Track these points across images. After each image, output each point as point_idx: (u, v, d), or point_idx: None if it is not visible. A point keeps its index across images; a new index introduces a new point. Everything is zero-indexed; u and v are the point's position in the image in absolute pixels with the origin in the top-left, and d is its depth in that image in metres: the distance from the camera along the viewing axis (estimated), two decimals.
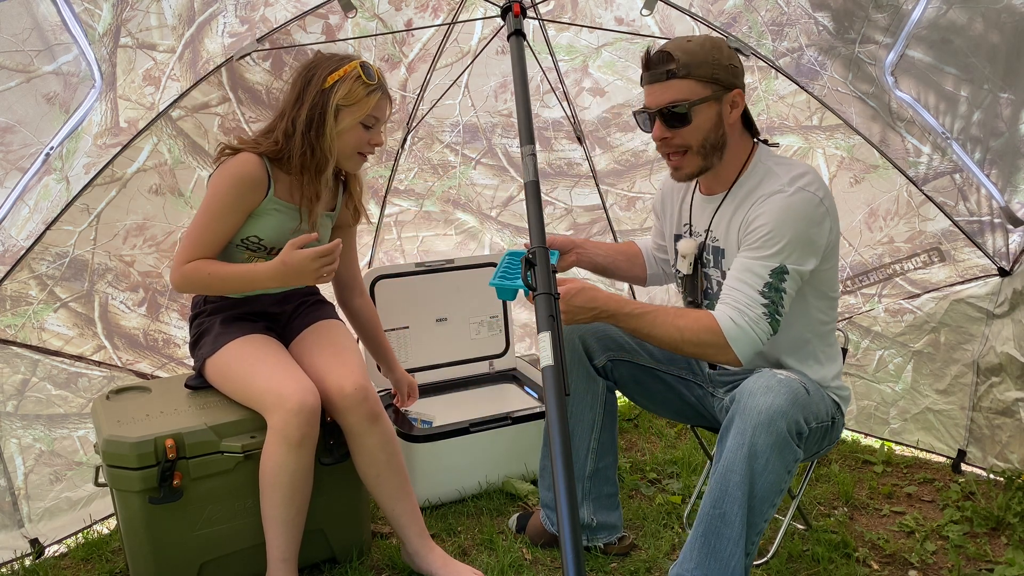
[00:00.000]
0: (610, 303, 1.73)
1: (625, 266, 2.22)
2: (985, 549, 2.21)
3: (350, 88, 1.98)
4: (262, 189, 2.00)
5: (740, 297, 1.71)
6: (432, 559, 2.04)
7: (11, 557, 2.19)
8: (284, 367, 1.95)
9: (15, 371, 2.25)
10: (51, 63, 1.98)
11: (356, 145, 2.05)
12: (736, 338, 1.68)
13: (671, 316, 1.74)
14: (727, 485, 1.61)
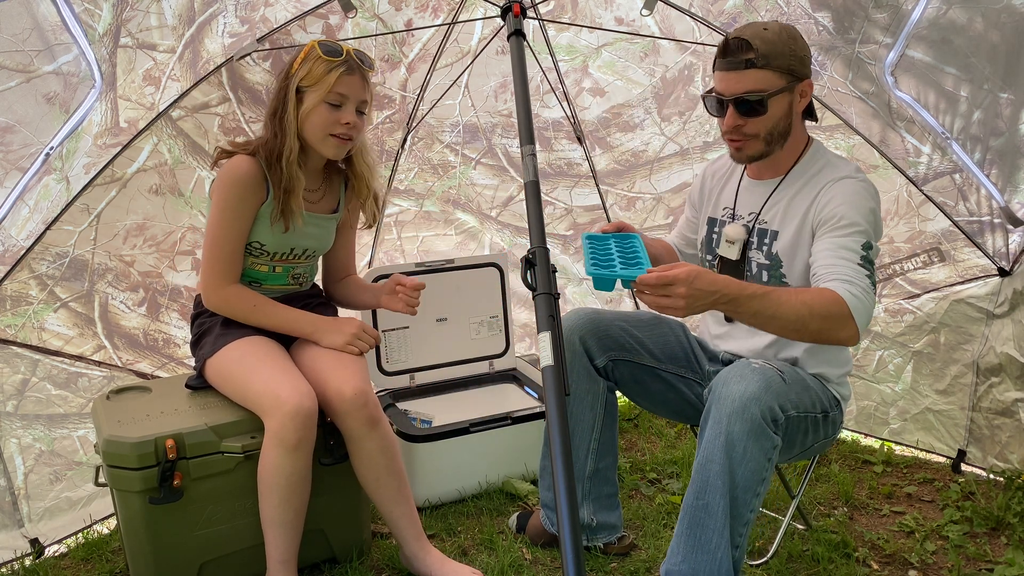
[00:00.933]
0: (730, 285, 1.57)
1: (668, 261, 2.19)
2: (985, 549, 2.21)
3: (310, 68, 1.94)
4: (262, 189, 1.99)
5: (846, 271, 1.67)
6: (430, 561, 2.04)
7: (11, 557, 2.19)
8: (282, 370, 1.95)
9: (15, 371, 2.25)
10: (51, 63, 1.98)
11: (324, 126, 1.97)
12: (856, 309, 1.61)
13: (792, 293, 1.62)
14: (707, 475, 1.62)
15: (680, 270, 1.52)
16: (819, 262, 1.73)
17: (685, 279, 1.51)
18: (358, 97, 1.99)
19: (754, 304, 1.59)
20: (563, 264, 3.32)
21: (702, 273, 1.54)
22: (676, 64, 2.78)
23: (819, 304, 1.60)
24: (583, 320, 2.04)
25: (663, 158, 3.02)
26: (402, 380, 2.84)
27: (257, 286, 2.12)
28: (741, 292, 1.58)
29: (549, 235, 3.28)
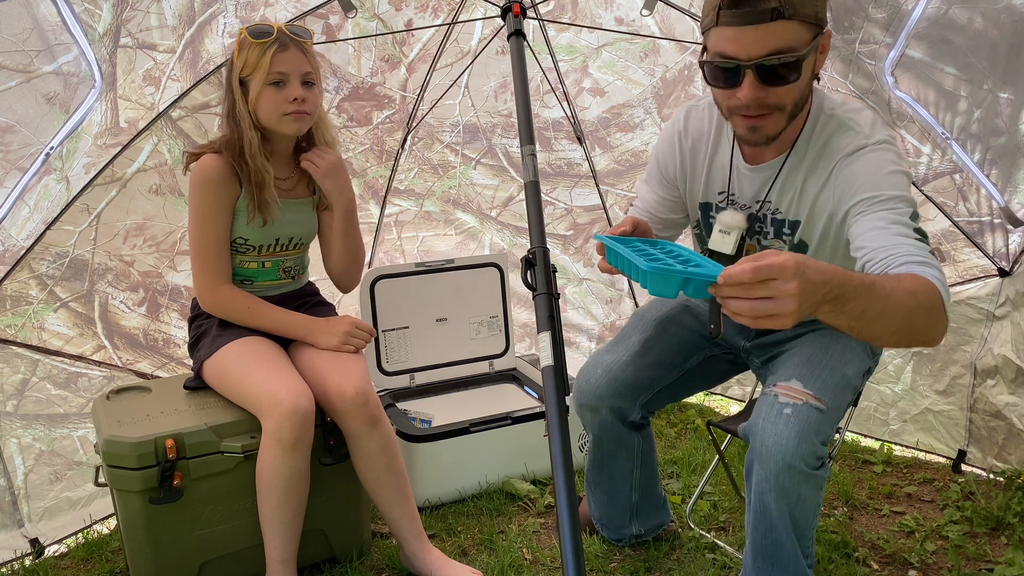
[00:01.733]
0: (836, 273, 1.16)
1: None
2: (985, 549, 2.21)
3: (245, 56, 1.93)
4: (233, 183, 1.99)
5: (913, 250, 1.35)
6: (430, 560, 2.04)
7: (11, 557, 2.19)
8: (279, 370, 1.95)
9: (15, 371, 2.25)
10: (51, 63, 1.98)
11: (274, 108, 1.95)
12: (945, 297, 1.30)
13: (893, 280, 1.26)
14: (769, 520, 1.61)
15: (781, 257, 1.08)
16: (872, 244, 1.37)
17: (794, 269, 1.07)
18: (299, 70, 1.95)
19: (862, 299, 1.18)
20: (563, 264, 3.32)
21: (806, 262, 1.11)
22: (676, 64, 2.78)
23: (924, 293, 1.25)
24: (600, 387, 1.87)
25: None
26: (402, 380, 2.84)
27: (249, 284, 2.11)
28: (848, 282, 1.16)
29: (549, 235, 3.28)
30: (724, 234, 1.67)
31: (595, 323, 3.39)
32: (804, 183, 1.58)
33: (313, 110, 2.01)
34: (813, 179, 1.57)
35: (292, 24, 2.02)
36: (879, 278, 1.24)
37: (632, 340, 1.92)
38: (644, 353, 1.88)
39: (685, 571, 2.12)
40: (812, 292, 1.10)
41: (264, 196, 2.00)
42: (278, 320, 2.07)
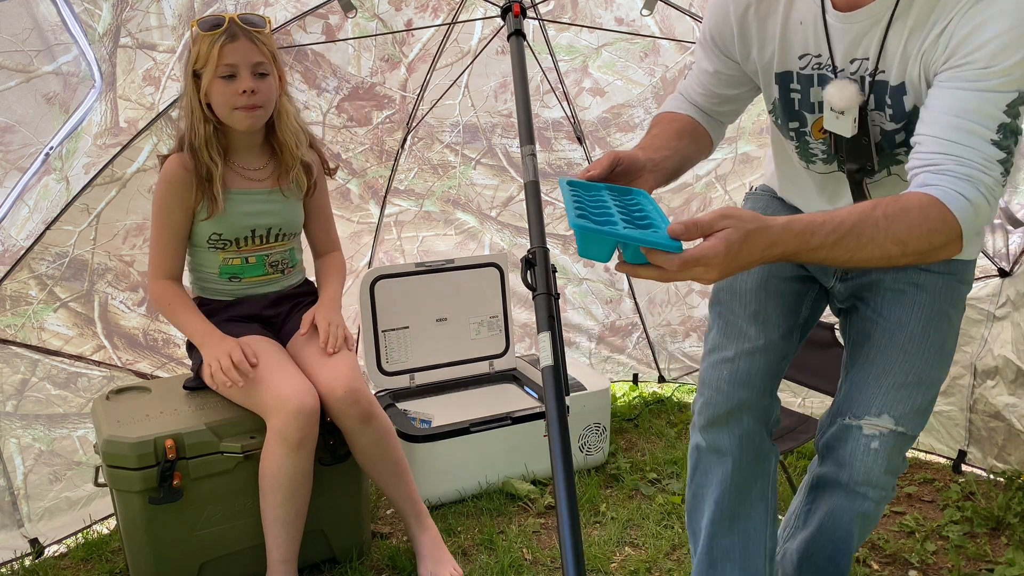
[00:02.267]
0: (787, 239, 1.11)
1: (694, 151, 1.55)
2: (985, 549, 2.21)
3: (197, 50, 1.91)
4: (192, 187, 1.98)
5: (969, 155, 1.13)
6: (423, 540, 2.10)
7: (11, 557, 2.19)
8: (282, 369, 1.95)
9: (15, 371, 2.25)
10: (51, 63, 1.98)
11: (225, 101, 1.92)
12: (970, 222, 1.12)
13: (879, 224, 1.12)
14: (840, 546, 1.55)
15: (714, 243, 1.06)
16: (929, 133, 1.16)
17: (722, 260, 1.06)
18: (249, 61, 1.91)
19: (821, 255, 1.14)
20: (563, 264, 3.32)
21: (749, 235, 1.07)
22: (676, 64, 2.78)
23: (918, 238, 1.13)
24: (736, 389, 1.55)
25: None
26: (402, 380, 2.84)
27: (238, 280, 2.12)
28: (804, 245, 1.12)
29: (549, 235, 3.27)
30: (837, 114, 1.34)
31: (595, 323, 3.39)
32: (911, 34, 1.22)
33: (266, 102, 1.96)
34: (920, 31, 1.21)
35: (246, 14, 1.98)
36: (852, 224, 1.12)
37: (740, 323, 1.58)
38: (764, 330, 1.56)
39: (685, 571, 2.12)
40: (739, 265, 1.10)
41: (211, 190, 1.98)
42: (184, 321, 2.03)
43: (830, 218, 1.12)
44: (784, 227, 1.11)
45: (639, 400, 3.31)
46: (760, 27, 1.40)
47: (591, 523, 2.40)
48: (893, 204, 1.13)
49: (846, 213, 1.13)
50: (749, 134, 2.83)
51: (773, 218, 1.11)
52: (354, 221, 3.00)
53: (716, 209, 1.09)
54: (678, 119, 1.56)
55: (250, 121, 1.96)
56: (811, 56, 1.35)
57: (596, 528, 2.37)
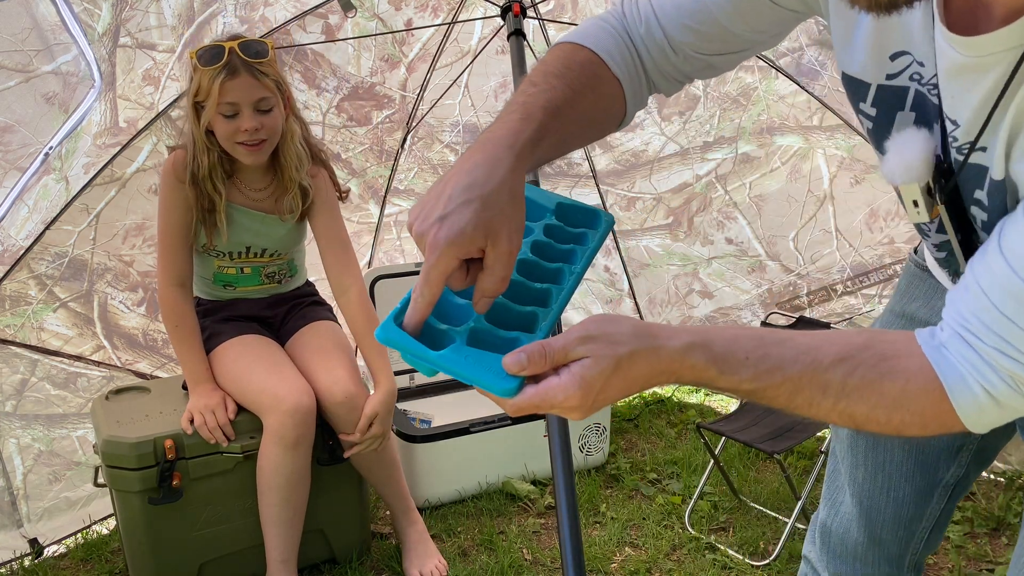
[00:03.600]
0: (683, 371, 0.74)
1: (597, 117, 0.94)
2: (986, 549, 2.21)
3: (198, 81, 1.83)
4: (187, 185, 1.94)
5: (1005, 334, 0.70)
6: (408, 534, 2.14)
7: (10, 557, 2.19)
8: (279, 368, 1.95)
9: (14, 371, 2.25)
10: (50, 63, 1.97)
11: (227, 137, 1.87)
12: (977, 418, 0.74)
13: (829, 388, 0.74)
14: None
15: (565, 383, 0.71)
16: (986, 284, 0.71)
17: (580, 395, 0.71)
18: (250, 98, 1.83)
19: (738, 395, 0.80)
20: None
21: (621, 363, 0.71)
22: None
23: (883, 420, 0.75)
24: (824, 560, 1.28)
25: (663, 158, 3.01)
26: (402, 380, 2.83)
27: (232, 288, 2.10)
28: (705, 382, 0.76)
29: None
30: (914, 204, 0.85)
31: None
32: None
33: (271, 135, 1.90)
34: None
35: (247, 40, 1.87)
36: (798, 376, 0.73)
37: (841, 480, 1.25)
38: (872, 491, 1.20)
39: (685, 571, 2.12)
40: (613, 399, 0.75)
41: (213, 219, 1.94)
42: (184, 352, 1.99)
43: (764, 354, 0.74)
44: (683, 352, 0.73)
45: (639, 400, 3.30)
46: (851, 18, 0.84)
47: (591, 523, 2.40)
48: (870, 363, 0.74)
49: (791, 353, 0.74)
50: (749, 134, 2.82)
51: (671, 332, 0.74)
52: (354, 221, 3.00)
53: (582, 323, 0.74)
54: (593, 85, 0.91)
55: (254, 157, 1.91)
56: (913, 60, 0.80)
57: (596, 528, 2.37)
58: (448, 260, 0.73)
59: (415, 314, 0.75)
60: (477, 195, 0.73)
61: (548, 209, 0.89)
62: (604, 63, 0.91)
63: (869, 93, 0.86)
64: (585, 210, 0.90)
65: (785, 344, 0.75)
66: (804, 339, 0.76)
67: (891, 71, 0.83)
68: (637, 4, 0.95)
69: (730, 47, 0.95)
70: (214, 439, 1.91)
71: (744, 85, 2.68)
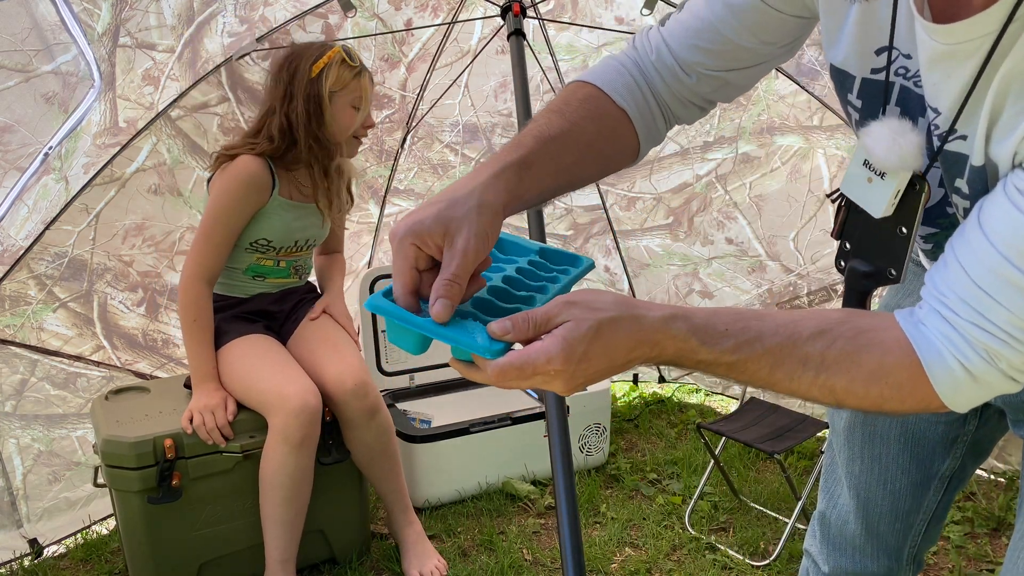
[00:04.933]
0: (665, 340, 0.74)
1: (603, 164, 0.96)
2: (986, 550, 2.21)
3: (338, 73, 2.00)
4: (267, 190, 2.01)
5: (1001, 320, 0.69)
6: (407, 533, 2.14)
7: (10, 557, 2.19)
8: (285, 368, 1.96)
9: (14, 371, 2.24)
10: (50, 63, 1.97)
11: (349, 127, 2.06)
12: (955, 395, 0.73)
13: (809, 360, 0.74)
14: None
15: (548, 344, 0.71)
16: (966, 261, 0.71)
17: (563, 358, 0.71)
18: (370, 100, 2.09)
19: (716, 372, 0.77)
20: None
21: (602, 328, 0.72)
22: None
23: (861, 394, 0.75)
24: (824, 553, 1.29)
25: (663, 158, 3.01)
26: (402, 380, 2.84)
27: (261, 280, 2.14)
28: (685, 356, 0.75)
29: (549, 235, 3.27)
30: (870, 174, 0.84)
31: None
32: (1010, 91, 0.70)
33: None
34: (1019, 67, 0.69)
35: None
36: (777, 348, 0.74)
37: (838, 472, 1.26)
38: (868, 484, 1.22)
39: (685, 571, 2.12)
40: (597, 373, 0.74)
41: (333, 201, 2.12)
42: (195, 347, 2.01)
43: (744, 326, 0.74)
44: (664, 322, 0.72)
45: (639, 400, 3.30)
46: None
47: (591, 523, 2.40)
48: (848, 335, 0.74)
49: (771, 326, 0.74)
50: (750, 134, 2.82)
51: (652, 305, 0.75)
52: (354, 221, 3.00)
53: (568, 293, 0.76)
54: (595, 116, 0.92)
55: (356, 150, 2.15)
56: (899, 54, 0.81)
57: (596, 528, 2.37)
58: (406, 249, 0.76)
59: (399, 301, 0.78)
60: (445, 198, 0.78)
61: (531, 251, 0.92)
62: (607, 96, 0.93)
63: (855, 85, 0.87)
64: (567, 254, 0.91)
65: (764, 319, 0.76)
66: (782, 315, 0.77)
67: (875, 66, 0.85)
68: (648, 35, 0.97)
69: (742, 61, 0.94)
70: (211, 440, 1.91)
71: None
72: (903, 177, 0.82)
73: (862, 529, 1.23)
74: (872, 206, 0.85)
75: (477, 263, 0.78)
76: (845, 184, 0.88)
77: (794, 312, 0.78)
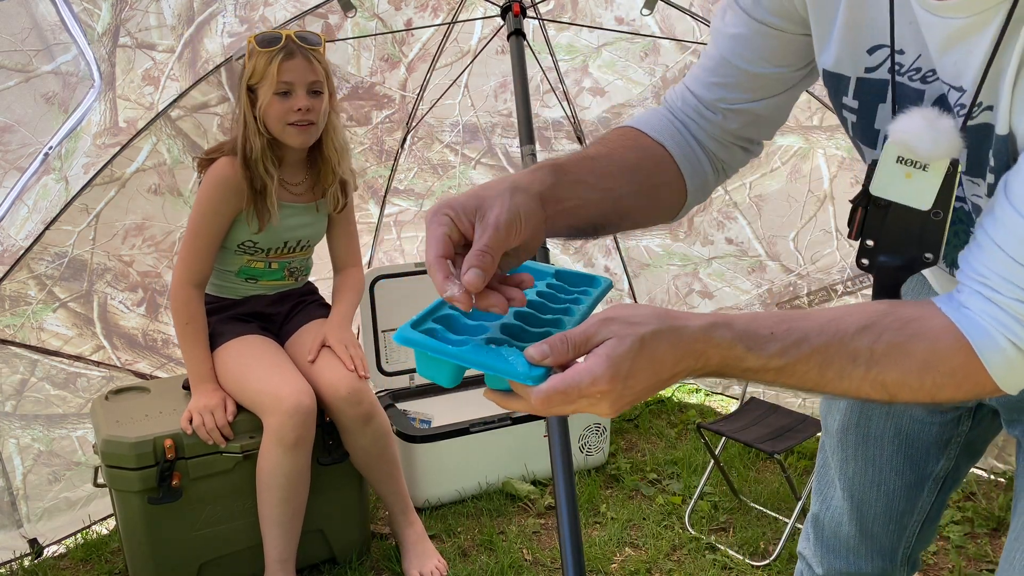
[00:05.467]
0: (709, 349, 0.72)
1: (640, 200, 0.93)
2: (986, 550, 2.21)
3: (254, 64, 1.93)
4: (244, 193, 1.98)
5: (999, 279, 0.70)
6: (407, 534, 2.14)
7: (10, 557, 2.19)
8: (280, 368, 1.96)
9: (14, 371, 2.24)
10: (50, 63, 1.97)
11: (279, 117, 1.94)
12: (1010, 378, 0.72)
13: (859, 356, 0.73)
14: None
15: (593, 365, 0.68)
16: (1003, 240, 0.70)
17: (610, 377, 0.68)
18: (305, 79, 1.93)
19: (764, 379, 0.76)
20: (563, 264, 3.32)
21: (646, 343, 0.69)
22: (676, 64, 2.77)
23: (915, 386, 0.74)
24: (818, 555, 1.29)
25: None
26: (402, 380, 2.83)
27: (254, 282, 2.13)
28: (731, 364, 0.73)
29: None
30: (909, 169, 0.81)
31: None
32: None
33: (319, 119, 1.98)
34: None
35: (302, 31, 2.00)
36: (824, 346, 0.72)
37: (831, 474, 1.26)
38: (862, 486, 1.21)
39: (685, 571, 2.12)
40: (644, 391, 0.72)
41: (265, 203, 1.98)
42: (190, 349, 2.01)
43: (788, 328, 0.72)
44: (706, 330, 0.71)
45: None
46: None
47: (591, 523, 2.40)
48: (895, 327, 0.72)
49: (815, 325, 0.73)
50: None
51: (691, 316, 0.72)
52: None
53: (604, 310, 0.72)
54: (627, 136, 0.95)
55: (303, 137, 1.97)
56: (891, 51, 0.81)
57: (596, 528, 2.37)
58: (440, 217, 0.76)
59: (438, 286, 0.79)
60: (476, 188, 0.80)
61: (548, 274, 0.91)
62: (645, 133, 0.95)
63: (849, 86, 0.87)
64: (583, 275, 0.91)
65: (807, 318, 0.74)
66: (823, 313, 0.75)
67: (869, 64, 0.84)
68: (673, 90, 1.00)
69: (763, 90, 0.95)
70: (211, 440, 1.91)
71: None
72: (944, 164, 0.80)
73: (856, 531, 1.23)
74: (917, 200, 0.82)
75: (510, 239, 0.76)
76: (877, 186, 0.84)
77: (834, 309, 0.77)
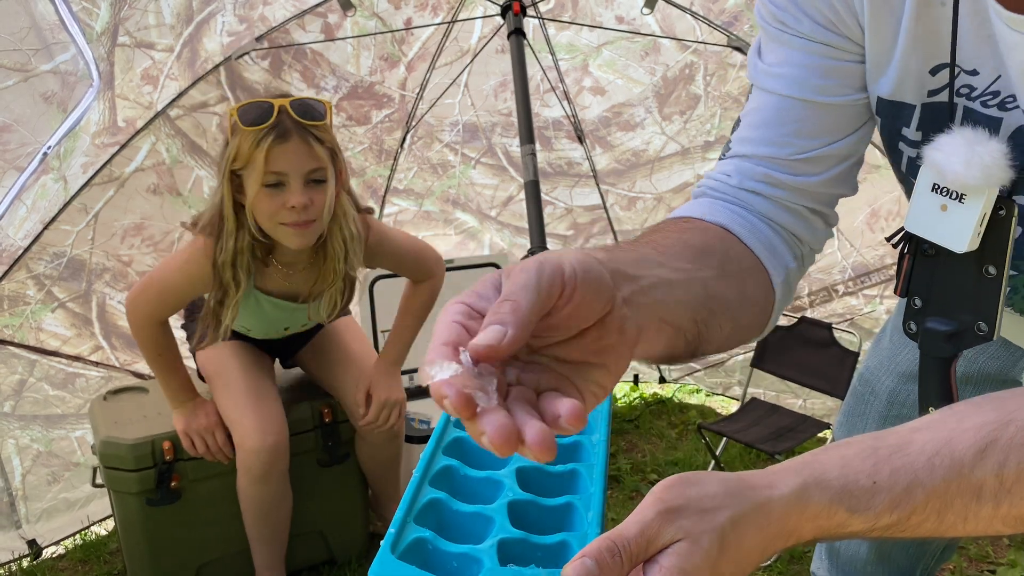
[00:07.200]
0: (803, 523, 0.53)
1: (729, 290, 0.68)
2: (987, 550, 2.20)
3: (238, 145, 1.52)
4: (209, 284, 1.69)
5: None
6: None
7: (9, 558, 2.18)
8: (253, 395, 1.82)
9: (12, 371, 2.24)
10: (49, 62, 1.97)
11: (269, 215, 1.56)
12: None
13: (984, 489, 0.53)
14: None
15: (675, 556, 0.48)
16: None
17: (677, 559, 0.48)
18: (302, 168, 1.53)
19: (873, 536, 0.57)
20: None
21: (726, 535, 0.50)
22: (677, 63, 2.77)
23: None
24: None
25: (664, 157, 3.01)
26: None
27: (247, 330, 1.93)
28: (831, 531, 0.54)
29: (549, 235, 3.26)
30: (944, 200, 0.72)
31: None
32: None
33: (320, 214, 1.58)
34: None
35: (301, 100, 1.59)
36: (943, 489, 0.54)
37: None
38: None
39: None
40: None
41: (222, 314, 1.68)
42: (163, 379, 1.82)
43: (892, 470, 0.54)
44: (797, 499, 0.53)
45: (640, 401, 3.30)
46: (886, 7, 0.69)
47: None
48: (1020, 441, 0.54)
49: (923, 460, 0.55)
50: None
51: (769, 476, 0.54)
52: None
53: (652, 493, 0.52)
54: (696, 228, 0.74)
55: (300, 240, 1.59)
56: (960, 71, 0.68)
57: None
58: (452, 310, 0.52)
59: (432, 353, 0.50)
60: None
61: None
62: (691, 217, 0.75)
63: (914, 116, 0.71)
64: None
65: (908, 450, 0.55)
66: (926, 435, 0.56)
67: (932, 87, 0.70)
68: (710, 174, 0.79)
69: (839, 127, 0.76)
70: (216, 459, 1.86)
71: (745, 84, 2.67)
72: (989, 197, 0.66)
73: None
74: (952, 240, 0.69)
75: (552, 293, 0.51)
76: (911, 222, 0.73)
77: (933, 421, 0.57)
